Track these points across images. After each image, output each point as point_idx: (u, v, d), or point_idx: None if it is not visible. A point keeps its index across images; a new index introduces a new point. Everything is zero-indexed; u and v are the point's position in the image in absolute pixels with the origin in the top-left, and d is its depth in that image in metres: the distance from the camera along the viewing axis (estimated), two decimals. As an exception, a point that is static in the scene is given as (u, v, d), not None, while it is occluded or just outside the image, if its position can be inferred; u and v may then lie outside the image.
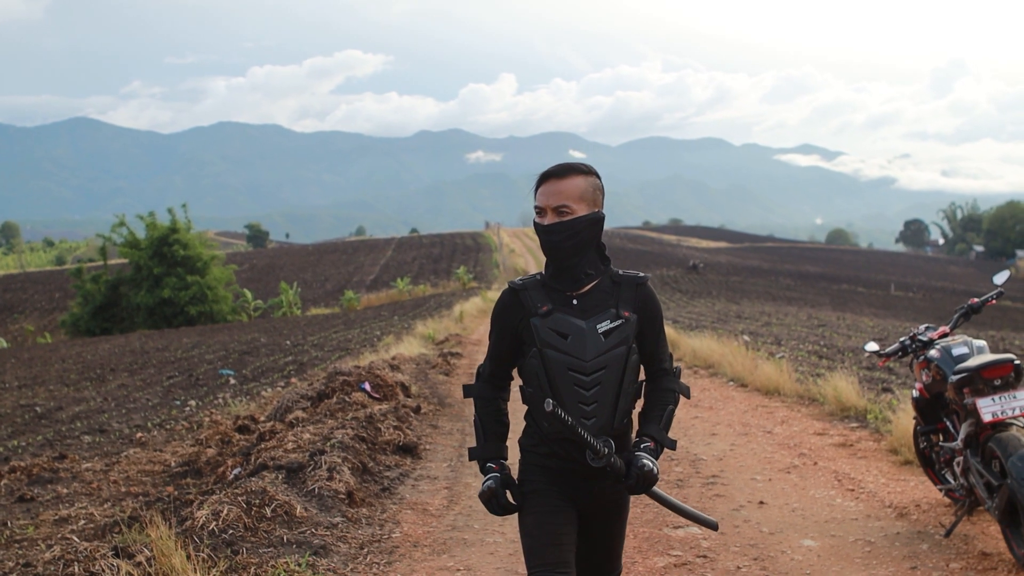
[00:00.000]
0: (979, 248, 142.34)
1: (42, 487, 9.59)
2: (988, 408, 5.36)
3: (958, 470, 5.84)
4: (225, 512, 5.73)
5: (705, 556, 5.63)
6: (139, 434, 12.63)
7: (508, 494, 3.34)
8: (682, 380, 3.60)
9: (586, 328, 3.23)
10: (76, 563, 5.62)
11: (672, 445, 3.37)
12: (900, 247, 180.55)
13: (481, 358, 18.99)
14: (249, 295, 49.45)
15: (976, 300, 6.42)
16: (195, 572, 4.94)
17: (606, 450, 3.13)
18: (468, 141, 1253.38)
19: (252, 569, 5.21)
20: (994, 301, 6.40)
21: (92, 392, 18.82)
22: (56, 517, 8.18)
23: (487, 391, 3.49)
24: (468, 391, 3.56)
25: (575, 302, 3.29)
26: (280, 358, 21.56)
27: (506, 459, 3.44)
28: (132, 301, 45.51)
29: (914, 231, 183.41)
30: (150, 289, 45.18)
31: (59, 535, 7.40)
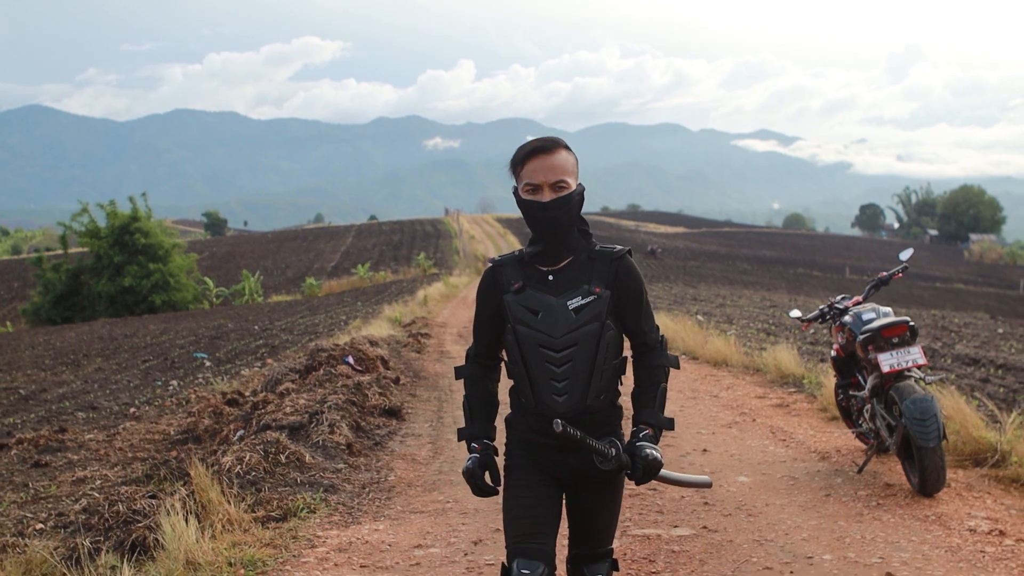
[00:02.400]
0: (933, 232, 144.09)
1: (52, 455, 10.29)
2: (887, 361, 6.48)
3: (867, 416, 6.97)
4: (247, 458, 6.73)
5: (654, 489, 6.68)
6: (132, 409, 13.31)
7: (487, 476, 3.39)
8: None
9: (556, 305, 3.23)
10: (119, 503, 6.55)
11: (670, 425, 3.38)
12: (856, 231, 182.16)
13: (448, 339, 20.00)
14: (211, 283, 49.73)
15: (884, 273, 7.57)
16: (229, 504, 5.90)
17: (613, 451, 3.16)
18: (426, 128, 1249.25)
19: (275, 503, 6.21)
20: (900, 275, 7.54)
21: (70, 376, 19.23)
22: (73, 478, 8.95)
23: (475, 372, 3.51)
24: (459, 372, 3.56)
25: (551, 278, 3.29)
26: (251, 342, 22.07)
27: (492, 439, 3.47)
28: (93, 290, 45.30)
29: (870, 215, 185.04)
30: (111, 278, 44.92)
31: (80, 493, 8.17)
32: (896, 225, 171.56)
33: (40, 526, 7.06)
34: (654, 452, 3.19)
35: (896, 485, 6.64)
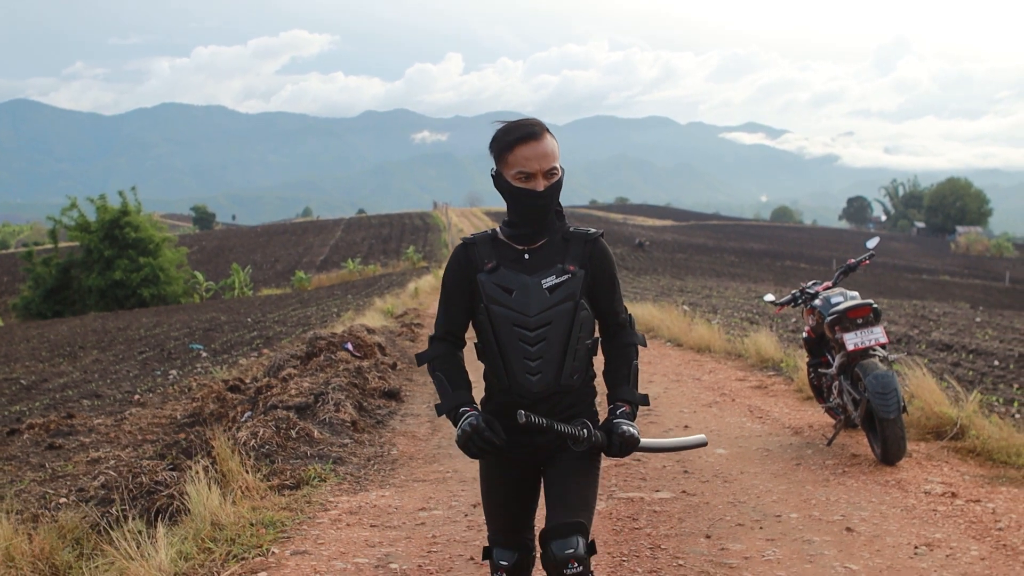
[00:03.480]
0: (920, 224, 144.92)
1: (64, 438, 10.71)
2: (851, 340, 7.04)
3: (835, 392, 7.52)
4: (261, 433, 7.26)
5: (638, 460, 7.21)
6: (136, 396, 13.73)
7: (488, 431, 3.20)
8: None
9: (531, 283, 3.23)
10: (142, 475, 7.05)
11: (645, 401, 3.41)
12: (844, 224, 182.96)
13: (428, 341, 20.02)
14: (201, 276, 49.97)
15: (853, 260, 8.14)
16: (247, 473, 6.42)
17: (584, 432, 3.15)
18: (414, 121, 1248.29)
19: (288, 472, 6.73)
20: (867, 262, 8.10)
21: (68, 367, 19.53)
22: (88, 459, 9.40)
23: (445, 349, 3.43)
24: (422, 357, 3.47)
25: (527, 256, 3.29)
26: (245, 333, 22.40)
27: (479, 409, 3.35)
28: (84, 284, 45.72)
29: (857, 208, 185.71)
30: (102, 271, 45.34)
31: (97, 471, 8.61)
32: (883, 218, 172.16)
33: (63, 500, 7.51)
34: (630, 429, 3.21)
35: (861, 456, 7.20)
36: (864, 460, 7.07)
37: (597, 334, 3.39)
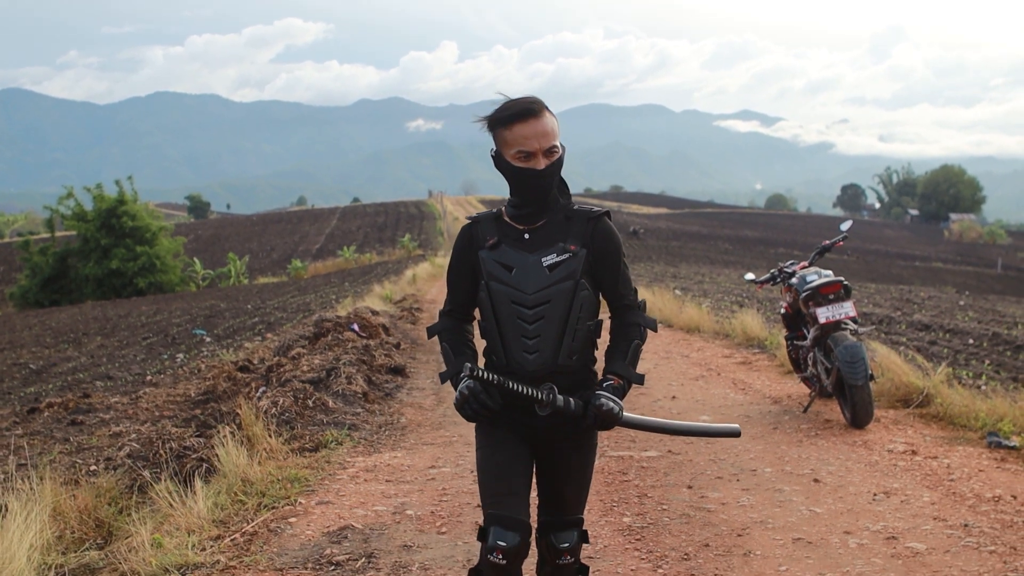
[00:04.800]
0: (914, 212, 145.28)
1: (84, 415, 11.24)
2: (823, 313, 7.67)
3: (810, 362, 8.16)
4: (280, 402, 7.86)
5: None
6: (148, 377, 14.24)
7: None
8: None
9: (531, 261, 3.21)
10: (171, 441, 7.63)
11: (639, 379, 3.33)
12: (838, 211, 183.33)
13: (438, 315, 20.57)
14: (198, 265, 50.29)
15: (827, 242, 8.78)
16: (271, 437, 7.02)
17: (549, 396, 3.11)
18: (409, 110, 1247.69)
19: (307, 437, 7.34)
20: (841, 243, 8.75)
21: (74, 352, 19.86)
22: (110, 433, 9.94)
23: (449, 322, 3.46)
24: (433, 329, 3.49)
25: (527, 236, 3.26)
26: (246, 319, 22.69)
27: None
28: (81, 272, 45.60)
29: (851, 196, 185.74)
30: (99, 260, 45.26)
31: (120, 443, 9.15)
32: (877, 205, 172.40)
33: (93, 467, 8.08)
34: (610, 403, 3.13)
35: (834, 421, 7.84)
36: (836, 425, 7.71)
37: (601, 316, 3.33)
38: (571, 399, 3.14)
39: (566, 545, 3.29)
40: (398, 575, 4.64)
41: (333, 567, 4.74)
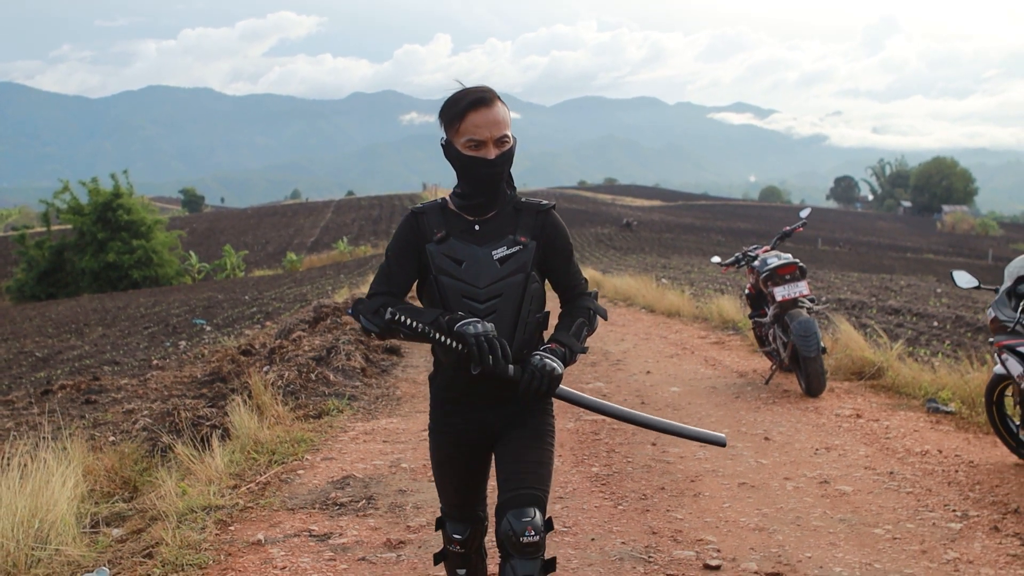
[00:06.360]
0: (907, 203, 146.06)
1: (97, 395, 11.90)
2: (780, 292, 8.43)
3: (771, 338, 8.90)
4: (286, 374, 8.59)
5: (605, 396, 8.57)
6: (155, 361, 14.86)
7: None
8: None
9: (481, 254, 3.11)
10: (184, 411, 8.35)
11: (582, 349, 3.19)
12: (831, 203, 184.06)
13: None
14: (194, 258, 50.65)
15: (788, 228, 9.54)
16: (278, 405, 7.74)
17: (464, 348, 2.92)
18: (403, 103, 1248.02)
19: (311, 406, 8.06)
20: (800, 229, 9.50)
21: (77, 341, 20.40)
22: (123, 410, 10.60)
23: (385, 298, 3.15)
24: (360, 306, 3.17)
25: (477, 227, 3.17)
26: (245, 309, 23.24)
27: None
28: (77, 266, 46.13)
29: (844, 188, 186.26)
30: (95, 254, 45.72)
31: (133, 419, 9.81)
32: (870, 197, 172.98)
33: (111, 438, 8.76)
34: (551, 361, 3.00)
35: (792, 391, 8.61)
36: (793, 394, 8.48)
37: (547, 309, 3.26)
38: (509, 365, 2.98)
39: (527, 520, 3.02)
40: (394, 513, 5.36)
41: (338, 507, 5.46)
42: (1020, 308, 5.74)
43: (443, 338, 2.88)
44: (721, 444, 3.31)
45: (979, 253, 71.40)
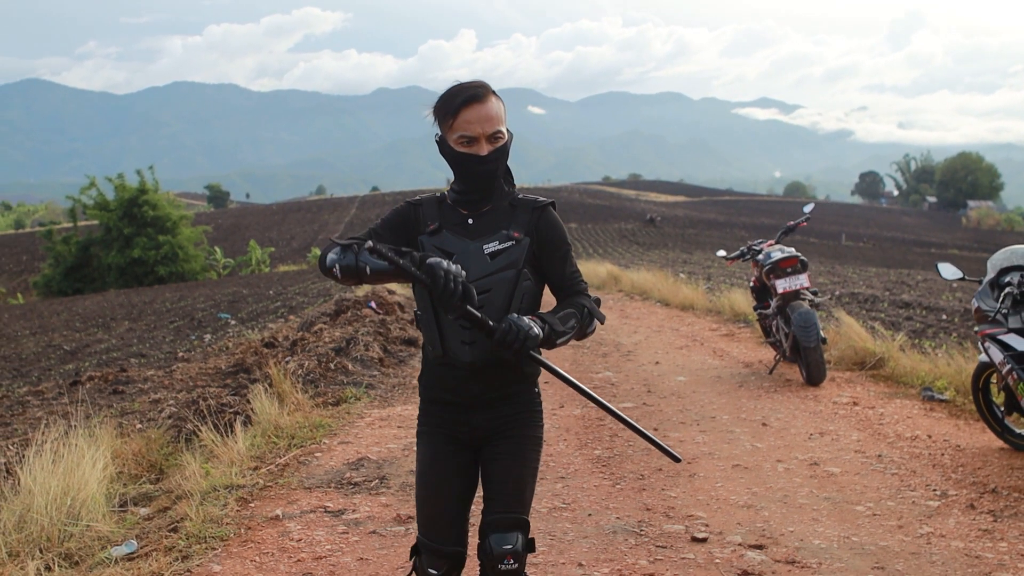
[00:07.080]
0: (932, 199, 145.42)
1: (124, 386, 12.28)
2: (781, 284, 8.72)
3: (774, 329, 9.18)
4: (306, 364, 8.94)
5: (613, 384, 8.88)
6: (180, 353, 15.21)
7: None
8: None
9: (472, 248, 3.05)
10: (207, 400, 8.70)
11: (563, 330, 2.99)
12: (856, 199, 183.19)
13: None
14: (219, 253, 51.02)
15: (792, 223, 9.83)
16: (298, 393, 8.08)
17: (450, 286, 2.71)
18: (427, 98, 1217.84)
19: (330, 394, 8.41)
20: (804, 223, 9.77)
21: (104, 335, 20.69)
22: (150, 400, 10.97)
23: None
24: (327, 253, 3.01)
25: (471, 221, 3.11)
26: (269, 304, 23.55)
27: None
28: (103, 261, 46.42)
29: (869, 183, 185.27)
30: (121, 249, 46.03)
31: (160, 408, 10.16)
32: (895, 192, 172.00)
33: (138, 426, 9.12)
34: (529, 321, 2.85)
35: (794, 381, 8.89)
36: (794, 383, 8.77)
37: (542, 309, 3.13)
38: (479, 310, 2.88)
39: (508, 547, 3.03)
40: (405, 491, 5.69)
41: (352, 487, 5.80)
42: (1000, 298, 6.01)
43: (413, 269, 2.76)
44: (676, 460, 3.17)
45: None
